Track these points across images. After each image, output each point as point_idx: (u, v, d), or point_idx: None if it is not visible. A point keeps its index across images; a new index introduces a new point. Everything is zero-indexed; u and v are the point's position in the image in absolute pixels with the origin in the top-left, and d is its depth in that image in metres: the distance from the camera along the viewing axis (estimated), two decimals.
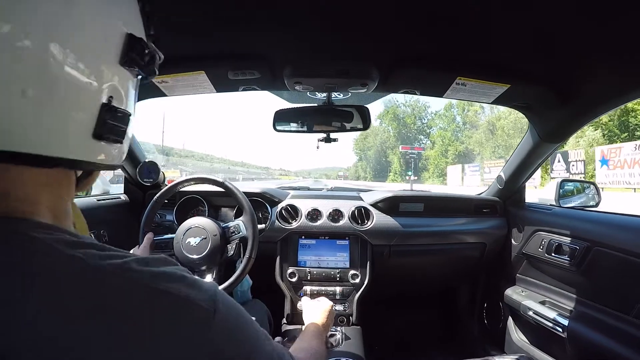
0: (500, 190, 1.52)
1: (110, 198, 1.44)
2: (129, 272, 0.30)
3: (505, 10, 0.68)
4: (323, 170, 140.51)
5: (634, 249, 0.93)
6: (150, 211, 1.11)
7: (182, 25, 0.78)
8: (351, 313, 1.29)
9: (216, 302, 0.33)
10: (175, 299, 0.31)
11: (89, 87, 0.32)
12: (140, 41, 0.36)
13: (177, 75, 0.98)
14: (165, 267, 0.33)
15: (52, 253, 0.28)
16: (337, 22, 0.77)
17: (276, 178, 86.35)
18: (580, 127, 1.11)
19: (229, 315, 0.34)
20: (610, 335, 0.95)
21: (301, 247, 1.38)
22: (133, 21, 0.37)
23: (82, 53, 0.31)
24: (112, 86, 0.34)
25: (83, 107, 0.32)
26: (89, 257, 0.29)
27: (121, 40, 0.35)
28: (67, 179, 0.36)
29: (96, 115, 0.33)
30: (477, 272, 1.66)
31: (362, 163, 70.91)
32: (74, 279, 0.28)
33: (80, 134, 0.32)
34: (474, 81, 0.96)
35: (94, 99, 0.33)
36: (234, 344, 0.34)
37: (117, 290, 0.29)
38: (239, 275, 1.02)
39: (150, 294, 0.30)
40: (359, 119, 1.14)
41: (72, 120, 0.31)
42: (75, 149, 0.32)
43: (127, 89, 0.37)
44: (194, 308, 0.31)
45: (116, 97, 0.35)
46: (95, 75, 0.32)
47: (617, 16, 0.65)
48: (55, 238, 0.29)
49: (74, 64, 0.30)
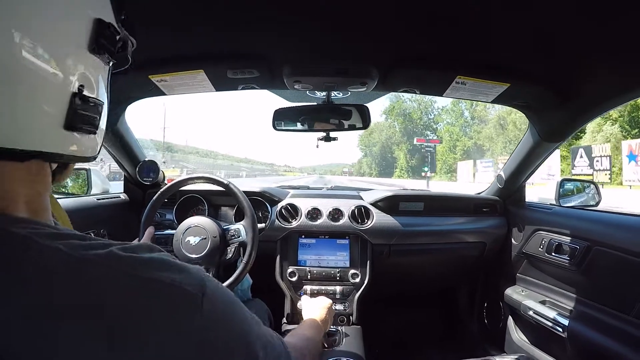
0: (500, 189, 1.52)
1: (110, 197, 1.44)
2: (113, 261, 0.29)
3: (504, 10, 0.68)
4: (328, 167, 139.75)
5: (634, 248, 0.92)
6: (150, 209, 1.11)
7: (181, 24, 0.78)
8: (351, 312, 1.29)
9: (204, 286, 0.32)
10: (162, 286, 0.30)
11: (57, 77, 0.30)
12: (109, 26, 0.35)
13: (176, 74, 0.98)
14: (151, 254, 0.32)
15: (32, 246, 0.27)
16: (336, 21, 0.77)
17: (280, 174, 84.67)
18: (580, 126, 1.11)
19: (217, 299, 0.33)
20: (611, 335, 0.95)
21: (301, 246, 1.38)
22: (101, 5, 0.35)
23: (47, 41, 0.29)
24: (82, 74, 0.33)
25: (52, 98, 0.31)
26: (71, 248, 0.28)
27: (89, 26, 0.33)
28: (42, 173, 0.35)
29: (67, 106, 0.32)
30: (477, 271, 1.66)
31: (368, 159, 69.76)
32: (56, 271, 0.27)
33: (51, 126, 0.31)
34: (473, 80, 0.95)
35: (63, 88, 0.31)
36: (224, 327, 0.33)
37: (101, 281, 0.28)
38: (235, 279, 1.01)
39: (136, 282, 0.29)
40: (358, 118, 1.14)
41: (41, 112, 0.30)
42: (47, 142, 0.31)
43: (97, 77, 0.36)
44: (182, 294, 0.30)
45: (87, 85, 0.34)
46: (62, 64, 0.31)
47: (616, 16, 0.65)
48: (34, 232, 0.28)
49: (38, 53, 0.28)
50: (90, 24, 0.33)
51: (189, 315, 0.30)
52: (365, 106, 1.14)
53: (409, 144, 50.88)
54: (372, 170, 65.40)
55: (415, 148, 44.74)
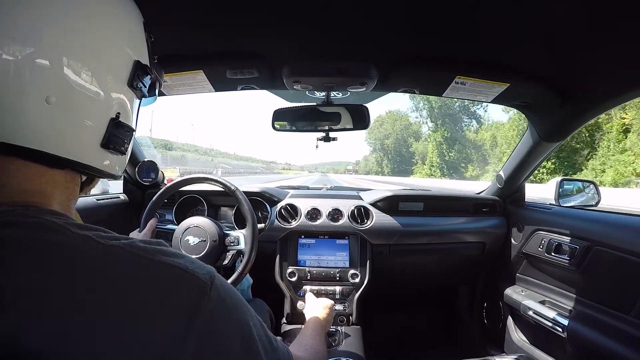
0: (500, 189, 1.52)
1: (110, 197, 1.44)
2: (135, 249, 0.33)
3: (504, 10, 0.68)
4: (330, 165, 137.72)
5: (634, 248, 0.92)
6: (150, 209, 1.11)
7: (180, 24, 0.78)
8: (351, 312, 1.29)
9: (213, 277, 0.36)
10: (178, 271, 0.34)
11: (102, 102, 0.37)
12: (145, 67, 0.43)
13: (175, 75, 0.97)
14: (166, 247, 0.36)
15: (65, 232, 0.32)
16: (336, 22, 0.77)
17: (276, 172, 77.11)
18: (580, 126, 1.11)
19: (225, 291, 0.36)
20: (610, 335, 0.95)
21: (301, 246, 1.38)
22: (140, 50, 0.43)
23: (98, 73, 0.37)
24: (120, 103, 0.40)
25: (96, 119, 0.37)
26: (99, 237, 0.33)
27: (130, 65, 0.41)
28: (74, 182, 0.40)
29: (105, 127, 0.38)
30: (476, 271, 1.66)
31: (377, 155, 60.32)
32: (87, 255, 0.31)
33: (90, 142, 0.38)
34: (473, 80, 0.95)
35: (105, 112, 0.38)
36: (228, 318, 0.36)
37: (126, 264, 0.32)
38: (231, 283, 1.01)
39: (156, 265, 0.33)
40: (358, 118, 1.14)
41: (85, 129, 0.37)
42: (85, 155, 0.37)
43: (132, 107, 0.43)
44: (194, 279, 0.34)
45: (123, 113, 0.40)
46: (107, 93, 0.38)
47: (616, 15, 0.65)
48: (66, 222, 0.33)
49: (90, 82, 0.36)
50: (131, 63, 0.41)
51: (198, 299, 0.33)
52: (364, 106, 1.14)
53: (444, 131, 39.83)
54: (383, 168, 56.03)
55: (455, 136, 35.66)
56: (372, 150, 64.44)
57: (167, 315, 0.31)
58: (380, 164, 58.45)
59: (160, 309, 0.31)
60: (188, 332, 0.31)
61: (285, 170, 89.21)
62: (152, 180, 1.47)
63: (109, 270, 0.31)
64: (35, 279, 0.28)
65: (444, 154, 40.85)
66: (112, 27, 0.38)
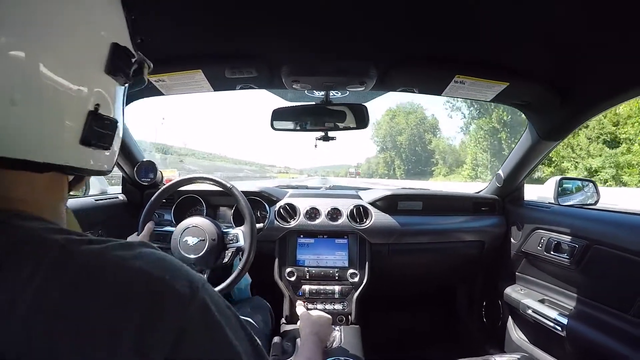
0: (499, 188, 1.52)
1: (108, 198, 1.43)
2: (107, 253, 0.30)
3: (504, 9, 0.68)
4: (330, 168, 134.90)
5: (633, 247, 0.92)
6: (148, 209, 1.10)
7: (179, 23, 0.78)
8: (350, 312, 1.29)
9: (197, 290, 0.31)
10: (150, 279, 0.30)
11: (75, 95, 0.33)
12: (125, 50, 0.37)
13: (173, 74, 0.97)
14: (146, 249, 0.33)
15: (33, 239, 0.29)
16: (334, 21, 0.77)
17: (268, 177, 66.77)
18: (579, 125, 1.11)
19: (208, 307, 0.32)
20: (609, 334, 0.95)
21: (300, 246, 1.38)
22: (118, 30, 0.38)
23: (67, 62, 0.32)
24: (98, 94, 0.35)
25: (70, 115, 0.33)
26: (67, 242, 0.30)
27: (106, 49, 0.35)
28: (59, 183, 0.37)
29: (83, 123, 0.34)
30: (476, 270, 1.66)
31: (386, 155, 48.40)
32: (52, 262, 0.28)
33: (68, 141, 0.33)
34: (472, 79, 0.95)
35: (81, 106, 0.34)
36: (208, 336, 0.31)
37: (92, 269, 0.29)
38: (230, 283, 1.01)
39: (125, 271, 0.30)
40: (357, 117, 1.14)
41: (60, 128, 0.32)
42: (64, 155, 0.33)
43: (113, 96, 0.38)
44: (169, 291, 0.30)
45: (103, 104, 0.36)
46: (80, 84, 0.33)
47: (616, 15, 0.65)
48: (40, 227, 0.31)
49: (59, 73, 0.31)
50: (106, 47, 0.35)
51: (172, 312, 0.29)
52: (364, 105, 1.14)
53: (491, 119, 28.83)
54: (395, 170, 44.85)
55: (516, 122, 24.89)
56: (380, 149, 52.46)
57: (134, 330, 0.28)
58: (389, 165, 47.69)
59: (126, 321, 0.28)
60: (155, 348, 0.28)
61: (282, 174, 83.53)
62: (150, 180, 1.47)
63: (78, 277, 0.28)
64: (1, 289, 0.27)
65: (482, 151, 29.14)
66: (80, 8, 0.33)
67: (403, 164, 44.47)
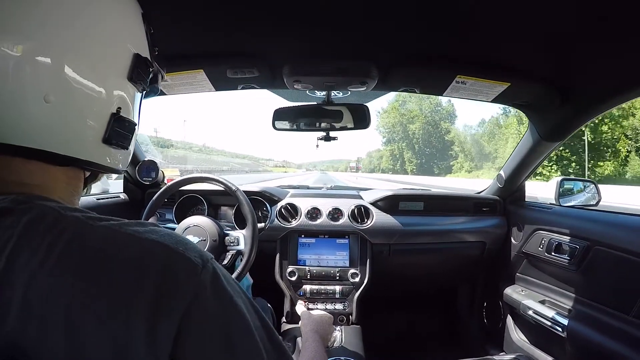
0: (500, 188, 1.52)
1: (110, 197, 1.44)
2: (124, 227, 0.34)
3: (504, 9, 0.68)
4: (329, 163, 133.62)
5: (634, 248, 0.92)
6: (150, 208, 1.10)
7: (180, 23, 0.78)
8: (351, 312, 1.29)
9: (207, 261, 0.35)
10: (165, 248, 0.33)
11: (101, 98, 0.37)
12: (145, 60, 0.42)
13: (175, 74, 0.98)
14: (157, 228, 0.36)
15: (51, 214, 0.32)
16: (336, 21, 0.77)
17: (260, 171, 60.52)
18: (580, 125, 1.11)
19: (218, 276, 0.35)
20: (610, 335, 0.95)
21: (301, 245, 1.38)
22: (140, 42, 0.42)
23: (96, 68, 0.36)
24: (121, 98, 0.39)
25: (96, 115, 0.37)
26: (86, 218, 0.33)
27: (129, 59, 0.40)
28: (77, 178, 0.40)
29: (106, 123, 0.38)
30: (476, 271, 1.66)
31: (394, 146, 41.86)
32: (75, 235, 0.31)
33: (92, 138, 0.37)
34: (473, 79, 0.95)
35: (105, 108, 0.38)
36: (220, 303, 0.34)
37: (111, 239, 0.32)
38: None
39: (140, 242, 0.33)
40: (358, 117, 1.14)
41: (86, 126, 0.36)
42: (87, 151, 0.37)
43: (133, 101, 0.42)
44: (182, 259, 0.33)
45: (124, 108, 0.40)
46: (106, 88, 0.37)
47: (616, 15, 0.65)
48: (58, 205, 0.33)
49: (89, 78, 0.35)
50: (130, 57, 0.40)
51: (185, 278, 0.32)
52: (365, 105, 1.14)
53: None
54: (401, 166, 38.01)
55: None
56: (386, 141, 45.48)
57: (149, 296, 0.30)
58: (396, 159, 41.07)
59: (141, 288, 0.30)
60: (170, 312, 0.31)
61: (278, 168, 79.25)
62: (152, 179, 1.47)
63: (96, 248, 0.31)
64: (21, 260, 0.29)
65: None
66: (109, 21, 0.38)
67: (415, 156, 37.79)
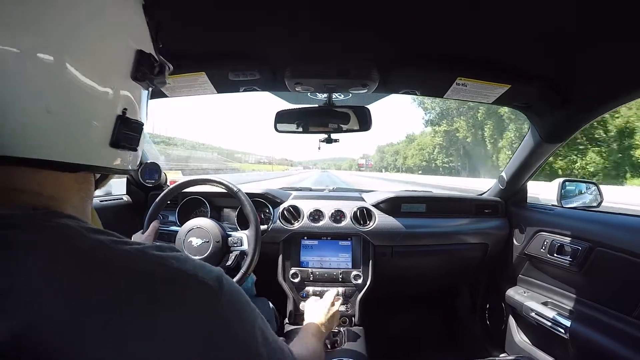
0: (502, 190, 1.52)
1: (113, 199, 1.45)
2: (148, 253, 0.33)
3: (505, 10, 0.68)
4: (331, 161, 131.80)
5: (636, 249, 0.92)
6: (153, 210, 1.11)
7: (182, 26, 0.79)
8: (353, 314, 1.30)
9: (222, 282, 0.35)
10: (187, 276, 0.33)
11: (105, 101, 0.35)
12: (149, 56, 0.39)
13: (177, 77, 0.98)
14: (176, 253, 0.36)
15: (77, 236, 0.31)
16: (337, 23, 0.77)
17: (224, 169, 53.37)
18: (581, 127, 1.11)
19: (234, 296, 0.36)
20: (612, 336, 0.94)
21: (303, 247, 1.38)
22: (142, 37, 0.40)
23: (98, 71, 0.34)
24: (126, 99, 0.37)
25: (100, 119, 0.35)
26: (111, 243, 0.32)
27: (132, 57, 0.37)
28: (87, 182, 0.40)
29: (112, 126, 0.36)
30: (479, 272, 1.66)
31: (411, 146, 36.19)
32: (100, 260, 0.31)
33: (98, 144, 0.36)
34: (474, 81, 0.96)
35: (110, 111, 0.36)
36: (238, 321, 0.36)
37: (135, 268, 0.32)
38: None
39: (165, 270, 0.33)
40: (359, 120, 1.15)
41: (91, 132, 0.35)
42: (95, 157, 0.36)
43: (139, 100, 0.40)
44: (203, 285, 0.34)
45: (130, 108, 0.38)
46: (110, 91, 0.35)
47: (617, 15, 0.65)
48: (80, 225, 0.33)
49: (90, 81, 0.33)
50: (132, 54, 0.38)
51: (208, 304, 0.33)
52: (366, 108, 1.14)
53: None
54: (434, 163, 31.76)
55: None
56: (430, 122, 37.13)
57: (176, 321, 0.31)
58: (438, 153, 33.14)
59: (168, 314, 0.31)
60: (195, 333, 0.31)
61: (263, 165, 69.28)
62: (155, 181, 1.48)
63: (121, 274, 0.31)
64: (45, 281, 0.28)
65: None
66: (108, 17, 0.35)
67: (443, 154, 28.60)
